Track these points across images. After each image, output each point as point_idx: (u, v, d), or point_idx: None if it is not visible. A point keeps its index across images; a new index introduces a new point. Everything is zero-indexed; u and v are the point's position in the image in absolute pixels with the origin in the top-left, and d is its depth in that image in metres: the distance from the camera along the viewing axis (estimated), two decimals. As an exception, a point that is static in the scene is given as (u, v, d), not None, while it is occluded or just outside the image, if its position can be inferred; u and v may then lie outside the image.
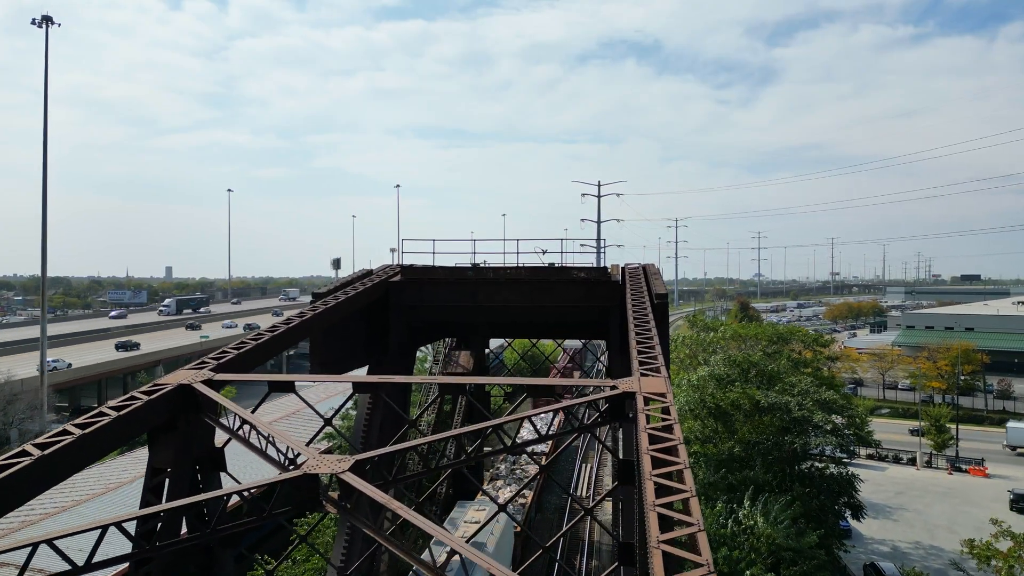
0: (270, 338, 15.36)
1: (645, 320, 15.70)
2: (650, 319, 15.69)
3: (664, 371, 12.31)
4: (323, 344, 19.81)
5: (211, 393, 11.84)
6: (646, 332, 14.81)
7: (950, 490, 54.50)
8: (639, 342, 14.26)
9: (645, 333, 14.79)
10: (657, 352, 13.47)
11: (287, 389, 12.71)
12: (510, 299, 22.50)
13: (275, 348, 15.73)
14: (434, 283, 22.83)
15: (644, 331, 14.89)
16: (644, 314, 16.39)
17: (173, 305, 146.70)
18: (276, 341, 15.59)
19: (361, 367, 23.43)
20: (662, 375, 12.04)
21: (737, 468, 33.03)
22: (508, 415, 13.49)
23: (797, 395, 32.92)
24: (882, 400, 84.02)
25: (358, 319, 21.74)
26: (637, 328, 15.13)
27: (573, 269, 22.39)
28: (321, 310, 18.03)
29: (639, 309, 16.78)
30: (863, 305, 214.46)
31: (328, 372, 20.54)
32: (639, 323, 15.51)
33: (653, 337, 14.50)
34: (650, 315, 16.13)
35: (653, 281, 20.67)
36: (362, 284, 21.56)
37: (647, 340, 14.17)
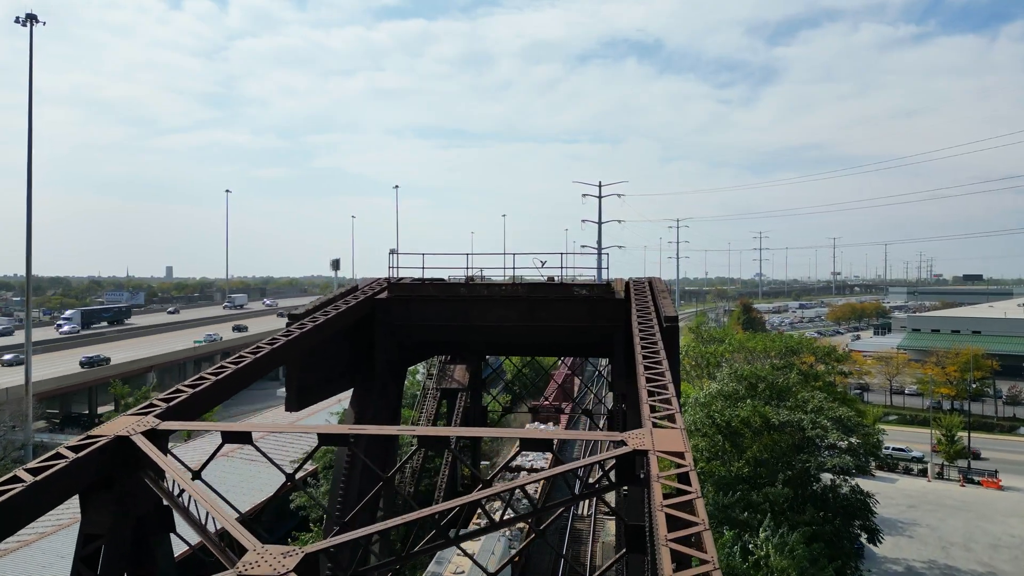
0: (233, 372, 13.66)
1: (655, 352, 14.00)
2: (660, 351, 13.98)
3: (679, 419, 10.61)
4: (301, 369, 18.12)
5: (150, 449, 10.13)
6: (656, 367, 13.10)
7: (963, 503, 52.77)
8: (649, 379, 12.57)
9: (655, 367, 13.08)
10: (670, 393, 11.78)
11: (244, 440, 11.01)
12: (506, 318, 20.80)
13: (238, 383, 14.02)
14: (424, 300, 21.13)
15: (654, 365, 13.19)
16: (653, 343, 14.69)
17: (77, 318, 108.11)
18: (240, 376, 13.88)
19: (346, 391, 21.78)
20: (678, 425, 10.34)
21: (747, 488, 31.39)
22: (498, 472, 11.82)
23: (810, 412, 31.26)
24: (889, 406, 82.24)
25: (341, 339, 20.06)
26: (647, 362, 13.43)
27: (574, 286, 20.66)
28: (296, 335, 16.33)
29: (648, 338, 15.08)
30: (866, 306, 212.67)
31: (308, 399, 18.88)
32: (648, 356, 13.81)
33: (665, 373, 12.80)
34: (660, 345, 14.43)
35: (661, 300, 18.98)
36: (345, 303, 19.85)
37: (658, 378, 12.46)
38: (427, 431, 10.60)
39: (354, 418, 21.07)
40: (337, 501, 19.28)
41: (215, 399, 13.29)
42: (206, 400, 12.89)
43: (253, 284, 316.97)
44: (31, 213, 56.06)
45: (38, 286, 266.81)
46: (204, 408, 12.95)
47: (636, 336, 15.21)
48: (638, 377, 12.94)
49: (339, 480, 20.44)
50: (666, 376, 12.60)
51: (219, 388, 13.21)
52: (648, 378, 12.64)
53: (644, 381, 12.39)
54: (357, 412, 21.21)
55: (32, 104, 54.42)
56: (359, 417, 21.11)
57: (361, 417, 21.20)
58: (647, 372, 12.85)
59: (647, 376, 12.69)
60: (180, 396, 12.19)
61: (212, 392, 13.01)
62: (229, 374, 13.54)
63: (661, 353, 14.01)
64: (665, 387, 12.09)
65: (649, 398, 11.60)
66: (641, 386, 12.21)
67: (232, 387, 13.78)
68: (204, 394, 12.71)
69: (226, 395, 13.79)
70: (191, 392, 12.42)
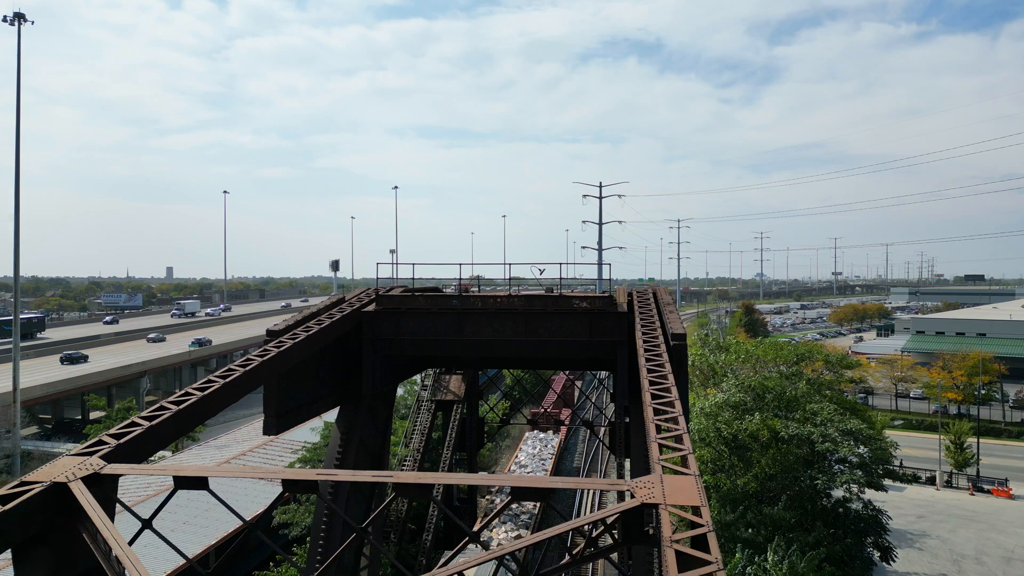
0: (198, 400, 12.42)
1: (662, 377, 12.74)
2: (668, 375, 12.72)
3: (692, 462, 9.34)
4: (280, 389, 16.86)
5: (87, 500, 8.86)
6: (664, 395, 11.84)
7: (974, 513, 51.47)
8: (657, 410, 11.30)
9: (663, 395, 11.82)
10: (681, 428, 10.52)
11: (199, 486, 9.74)
12: (502, 332, 19.54)
13: (204, 412, 12.78)
14: (414, 313, 19.85)
15: (662, 393, 11.92)
16: (660, 366, 13.43)
17: None
18: (206, 404, 12.65)
19: (330, 410, 20.53)
20: (692, 471, 9.07)
21: (754, 504, 30.14)
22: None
23: (820, 424, 30.00)
24: (895, 411, 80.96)
25: (325, 355, 18.81)
26: (654, 389, 12.17)
27: (573, 299, 19.39)
28: (272, 356, 15.07)
29: (654, 359, 13.82)
30: (869, 307, 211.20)
31: (288, 422, 17.59)
32: (655, 381, 12.55)
33: (674, 403, 11.54)
34: (667, 368, 13.17)
35: (667, 314, 17.72)
36: (329, 316, 18.60)
37: (667, 409, 11.20)
38: (407, 478, 9.35)
39: (339, 439, 19.82)
40: (320, 535, 18.00)
41: (176, 431, 12.04)
42: (165, 433, 11.64)
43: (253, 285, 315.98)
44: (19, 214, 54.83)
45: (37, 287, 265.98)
46: (163, 443, 11.69)
47: (641, 358, 13.97)
48: (644, 407, 11.70)
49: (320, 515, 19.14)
50: (676, 407, 11.35)
51: (181, 419, 11.98)
52: (656, 409, 11.39)
53: (651, 413, 11.14)
54: (343, 433, 19.96)
55: (20, 103, 53.15)
56: (345, 438, 19.87)
57: (347, 438, 19.96)
58: (654, 402, 11.60)
59: (654, 407, 11.43)
60: (133, 431, 10.94)
61: (172, 424, 11.76)
62: (193, 403, 12.30)
63: (669, 378, 12.76)
64: (676, 420, 10.83)
65: (658, 435, 10.35)
66: (648, 419, 10.96)
67: (197, 417, 12.55)
68: (162, 428, 11.46)
69: (190, 425, 12.55)
70: (147, 426, 11.17)
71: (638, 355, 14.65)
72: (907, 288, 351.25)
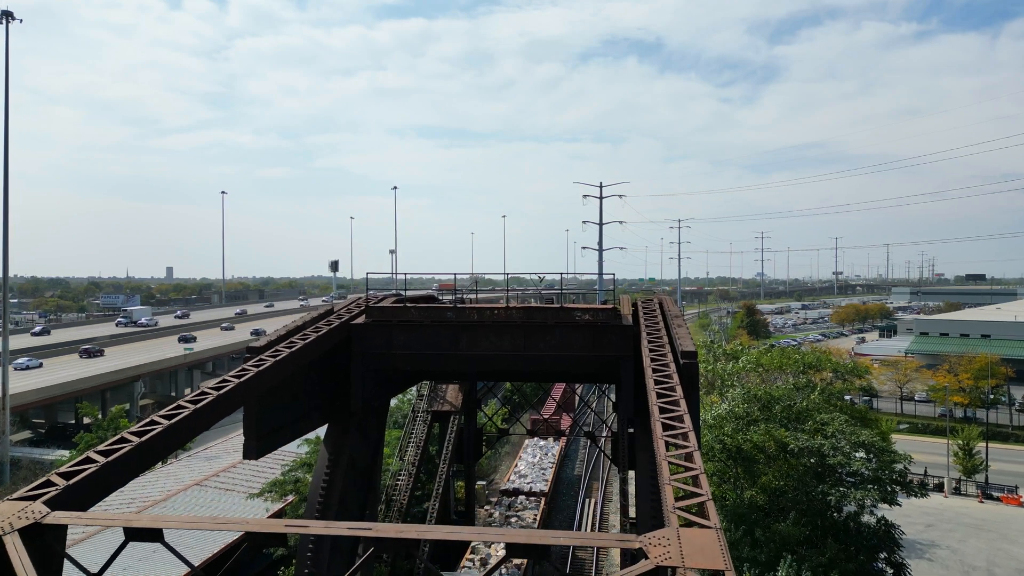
0: (164, 430, 11.29)
1: (674, 404, 11.60)
2: (681, 403, 11.58)
3: (712, 511, 8.20)
4: (261, 409, 15.73)
5: (20, 560, 7.73)
6: (677, 425, 10.70)
7: (983, 522, 50.33)
8: (669, 443, 10.16)
9: (676, 427, 10.68)
10: (698, 467, 9.37)
11: (154, 539, 8.60)
12: (499, 346, 18.42)
13: (172, 442, 11.67)
14: (406, 326, 18.73)
15: (674, 424, 10.78)
16: (671, 389, 12.30)
17: None
18: (173, 432, 11.52)
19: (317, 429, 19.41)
20: (712, 523, 7.92)
21: (761, 518, 29.00)
22: None
23: (831, 436, 28.86)
24: (900, 414, 79.79)
25: (312, 371, 17.70)
26: (664, 417, 11.03)
27: (576, 310, 18.25)
28: (251, 376, 13.96)
29: (663, 380, 12.68)
30: (870, 308, 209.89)
31: (270, 444, 16.47)
32: (667, 408, 11.41)
33: (688, 435, 10.42)
34: (679, 394, 12.03)
35: (675, 327, 16.57)
36: (315, 330, 17.47)
37: (681, 443, 10.05)
38: (387, 531, 8.21)
39: (328, 459, 18.70)
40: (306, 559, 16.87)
41: (139, 465, 10.91)
42: (125, 469, 10.51)
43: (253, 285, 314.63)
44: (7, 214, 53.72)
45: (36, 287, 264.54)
46: (123, 479, 10.56)
47: (650, 380, 12.84)
48: (655, 440, 10.57)
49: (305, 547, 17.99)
50: (691, 441, 10.21)
51: (143, 452, 10.84)
52: (668, 442, 10.25)
53: (663, 448, 9.99)
54: (331, 453, 18.86)
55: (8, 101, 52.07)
56: (334, 459, 18.75)
57: (336, 459, 18.84)
58: (666, 434, 10.46)
59: (666, 439, 10.29)
60: (86, 469, 9.80)
61: (134, 458, 10.63)
62: (157, 433, 11.16)
63: (681, 404, 11.63)
64: (691, 457, 9.69)
65: (672, 476, 9.21)
66: (660, 455, 9.82)
67: (162, 448, 11.41)
68: (121, 463, 10.32)
69: (155, 458, 11.43)
70: (102, 463, 10.03)
71: (646, 375, 13.54)
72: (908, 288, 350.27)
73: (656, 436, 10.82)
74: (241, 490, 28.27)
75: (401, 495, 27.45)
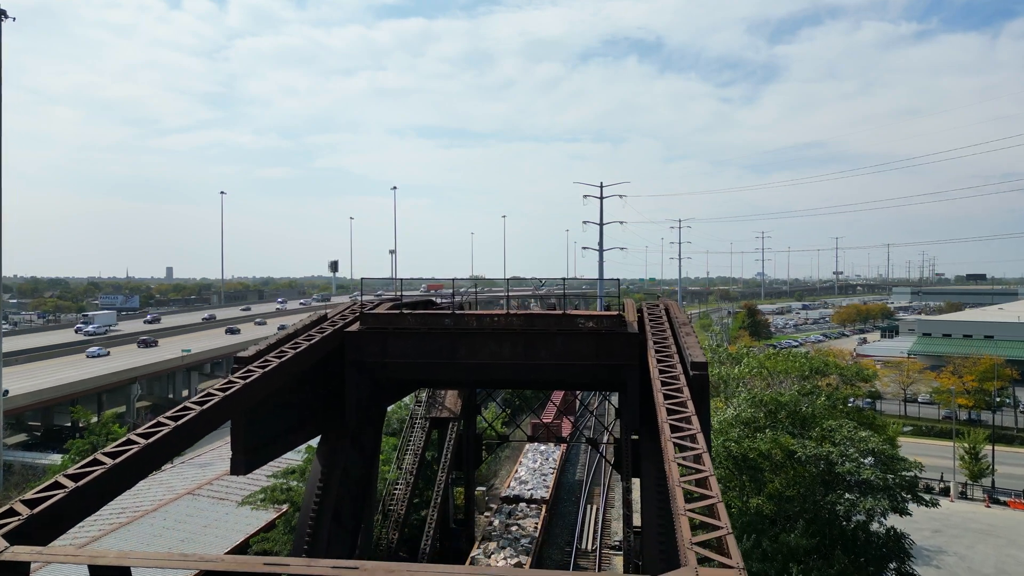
0: (141, 450, 10.56)
1: (686, 422, 10.85)
2: (693, 421, 10.84)
3: (733, 548, 7.47)
4: (250, 422, 15.01)
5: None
6: (692, 447, 9.95)
7: (991, 527, 49.58)
8: (683, 465, 9.42)
9: (691, 447, 9.94)
10: (715, 495, 8.65)
11: (120, 576, 7.88)
12: (499, 354, 17.69)
13: (149, 463, 10.93)
14: (402, 334, 18.00)
15: (689, 445, 10.03)
16: (681, 404, 11.56)
17: None
18: (152, 452, 10.79)
19: (309, 440, 18.70)
20: (734, 561, 7.21)
21: (768, 526, 28.26)
22: None
23: (839, 443, 28.14)
24: (903, 416, 79.01)
25: (304, 380, 16.98)
26: (676, 437, 10.29)
27: (579, 317, 17.52)
28: (236, 389, 13.22)
29: (673, 395, 11.94)
30: (871, 308, 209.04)
31: (260, 458, 15.77)
32: (678, 426, 10.66)
33: (702, 457, 9.69)
34: (691, 411, 11.29)
35: (683, 336, 15.84)
36: (308, 338, 16.75)
37: (696, 467, 9.31)
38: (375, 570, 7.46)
39: (321, 471, 17.96)
40: None
41: (113, 488, 10.16)
42: (99, 492, 9.77)
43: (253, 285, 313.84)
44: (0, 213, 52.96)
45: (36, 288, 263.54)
46: (94, 505, 9.82)
47: (659, 394, 12.10)
48: (667, 463, 9.82)
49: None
50: (705, 464, 9.47)
51: (118, 475, 10.10)
52: (682, 464, 9.51)
53: (676, 473, 9.25)
54: (325, 465, 18.12)
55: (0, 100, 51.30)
56: (327, 471, 18.02)
57: (330, 471, 18.10)
58: (679, 456, 9.72)
59: (680, 462, 9.55)
60: (53, 496, 9.07)
61: (107, 482, 9.89)
62: (134, 454, 10.43)
63: (694, 422, 10.89)
64: (706, 484, 8.96)
65: (687, 504, 8.48)
66: (674, 481, 9.07)
67: (138, 470, 10.66)
68: (93, 488, 9.58)
69: (130, 481, 10.67)
70: (71, 488, 9.30)
71: (654, 388, 12.82)
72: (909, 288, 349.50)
73: (676, 508, 10.07)
74: (235, 499, 27.54)
75: (399, 505, 26.72)
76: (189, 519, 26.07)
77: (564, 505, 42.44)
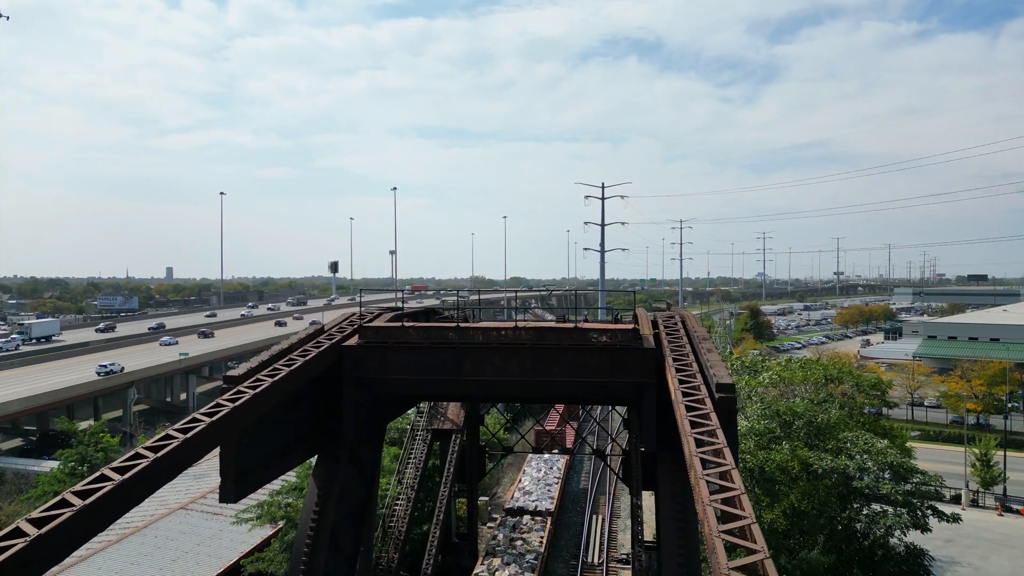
0: (113, 489, 9.50)
1: (717, 455, 9.77)
2: (726, 456, 9.75)
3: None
4: (241, 446, 13.94)
5: None
6: (729, 487, 8.86)
7: (1005, 536, 48.49)
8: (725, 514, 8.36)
9: (729, 488, 8.83)
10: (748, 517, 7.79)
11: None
12: (507, 370, 16.62)
13: (123, 504, 9.87)
14: (403, 348, 16.94)
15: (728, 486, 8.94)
16: (710, 433, 10.48)
17: None
18: (125, 492, 9.74)
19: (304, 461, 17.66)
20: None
21: (782, 541, 27.26)
22: None
23: (854, 456, 27.11)
24: (911, 421, 78.02)
25: (299, 398, 15.94)
26: (710, 474, 9.21)
27: (591, 331, 16.46)
28: (224, 413, 12.19)
29: (702, 427, 10.84)
30: (874, 309, 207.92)
31: (251, 484, 14.69)
32: (710, 461, 9.59)
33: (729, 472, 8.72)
34: (722, 443, 10.21)
35: (703, 352, 14.77)
36: (303, 354, 15.70)
37: (737, 514, 8.26)
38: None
39: (317, 495, 16.90)
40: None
41: (80, 534, 9.12)
42: (59, 543, 8.72)
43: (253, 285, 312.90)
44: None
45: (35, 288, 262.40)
46: (57, 558, 8.78)
47: (684, 422, 11.03)
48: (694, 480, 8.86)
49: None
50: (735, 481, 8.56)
51: (78, 524, 9.01)
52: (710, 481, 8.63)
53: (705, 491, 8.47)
54: (321, 486, 17.04)
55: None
56: (324, 493, 16.95)
57: (326, 493, 17.03)
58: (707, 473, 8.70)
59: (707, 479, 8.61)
60: (12, 546, 8.03)
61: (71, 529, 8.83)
62: (105, 493, 9.37)
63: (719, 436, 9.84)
64: (747, 533, 7.93)
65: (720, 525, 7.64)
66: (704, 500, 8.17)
67: (108, 514, 9.59)
68: (56, 537, 8.54)
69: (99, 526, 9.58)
70: (36, 535, 8.26)
71: (676, 412, 11.78)
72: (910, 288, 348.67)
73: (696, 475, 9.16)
74: (229, 513, 26.48)
75: (399, 522, 25.67)
76: (181, 536, 25.03)
77: (569, 515, 41.39)
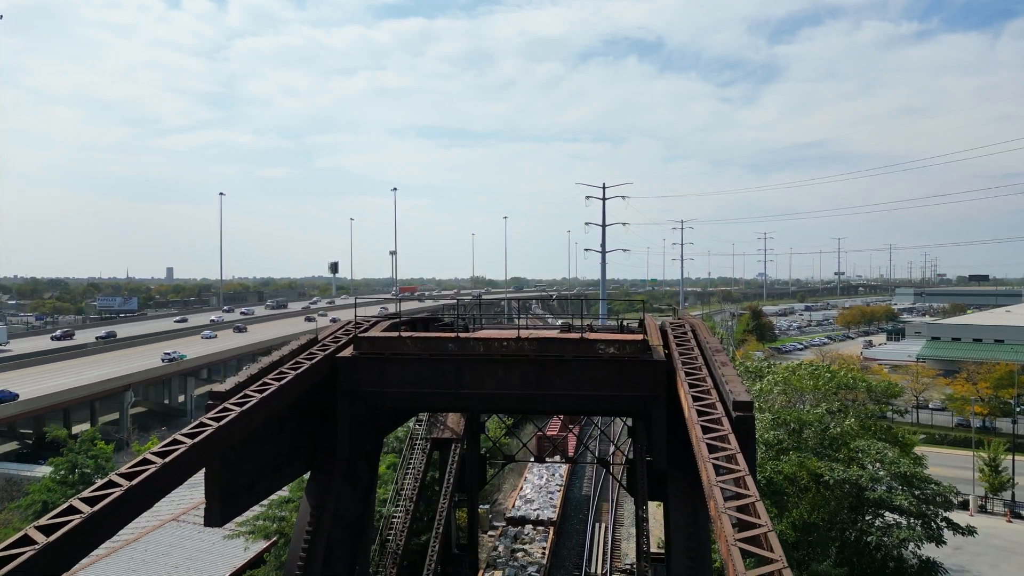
0: (83, 521, 8.71)
1: (740, 485, 8.98)
2: (748, 485, 8.96)
3: None
4: (227, 465, 13.18)
5: None
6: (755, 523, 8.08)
7: (1015, 544, 47.70)
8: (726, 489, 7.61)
9: (754, 523, 8.05)
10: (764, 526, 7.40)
11: None
12: (508, 383, 15.86)
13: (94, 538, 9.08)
14: (400, 360, 16.17)
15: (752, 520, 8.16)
16: (730, 459, 9.69)
17: None
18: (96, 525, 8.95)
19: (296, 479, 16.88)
20: None
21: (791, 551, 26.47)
22: None
23: (868, 467, 26.32)
24: (916, 424, 77.14)
25: (291, 412, 15.17)
26: (733, 506, 8.43)
27: (598, 342, 15.68)
28: (209, 434, 11.41)
29: (721, 452, 10.04)
30: (876, 310, 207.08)
31: (237, 506, 13.96)
32: (731, 493, 8.80)
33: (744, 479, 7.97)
34: (743, 469, 9.42)
35: (717, 366, 13.98)
36: (294, 367, 14.91)
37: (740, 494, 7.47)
38: None
39: (310, 514, 16.12)
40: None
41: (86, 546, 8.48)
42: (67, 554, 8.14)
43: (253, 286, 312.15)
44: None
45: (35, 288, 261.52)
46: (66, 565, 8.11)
47: (701, 444, 10.23)
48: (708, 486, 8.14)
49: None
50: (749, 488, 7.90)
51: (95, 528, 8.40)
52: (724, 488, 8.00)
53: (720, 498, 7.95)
54: (315, 504, 16.28)
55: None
56: (317, 512, 16.18)
57: (320, 509, 16.27)
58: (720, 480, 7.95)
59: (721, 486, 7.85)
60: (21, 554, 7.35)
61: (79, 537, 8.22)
62: (75, 526, 8.58)
63: (749, 485, 9.03)
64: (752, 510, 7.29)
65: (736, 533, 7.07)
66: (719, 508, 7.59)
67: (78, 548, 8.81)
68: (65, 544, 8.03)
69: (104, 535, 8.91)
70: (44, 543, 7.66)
71: (692, 434, 11.00)
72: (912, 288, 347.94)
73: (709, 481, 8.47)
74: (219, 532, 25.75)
75: (397, 536, 24.89)
76: (172, 550, 24.29)
77: (571, 523, 40.61)
